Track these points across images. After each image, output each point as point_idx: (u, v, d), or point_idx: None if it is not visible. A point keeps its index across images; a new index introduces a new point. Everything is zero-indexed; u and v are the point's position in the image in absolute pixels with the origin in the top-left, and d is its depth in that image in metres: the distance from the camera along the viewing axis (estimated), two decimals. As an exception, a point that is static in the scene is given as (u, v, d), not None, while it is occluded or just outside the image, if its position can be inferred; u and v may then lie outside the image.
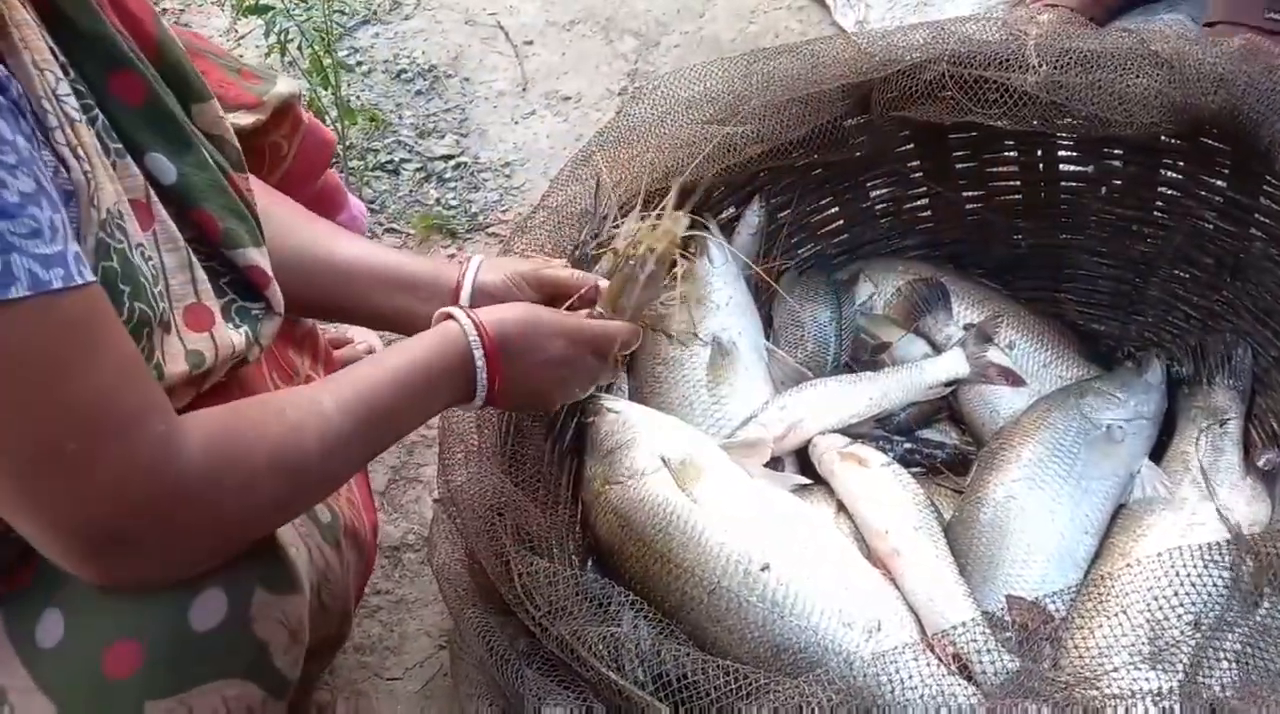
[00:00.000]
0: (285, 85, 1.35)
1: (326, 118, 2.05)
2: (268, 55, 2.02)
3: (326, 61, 1.95)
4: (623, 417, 1.35)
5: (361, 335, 1.84)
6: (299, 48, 1.97)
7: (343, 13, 2.21)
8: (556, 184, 1.47)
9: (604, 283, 1.24)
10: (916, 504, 1.32)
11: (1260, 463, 1.32)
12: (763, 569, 1.19)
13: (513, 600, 1.08)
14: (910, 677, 1.02)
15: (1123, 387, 1.41)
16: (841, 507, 1.34)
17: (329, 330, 1.83)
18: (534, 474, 1.25)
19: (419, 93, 2.28)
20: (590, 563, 1.31)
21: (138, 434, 0.81)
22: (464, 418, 1.24)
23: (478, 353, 1.05)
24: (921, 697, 0.99)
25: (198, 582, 0.93)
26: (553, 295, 1.22)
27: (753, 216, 1.61)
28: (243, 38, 2.31)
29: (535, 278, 1.23)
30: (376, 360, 1.07)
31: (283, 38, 1.90)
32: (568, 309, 1.20)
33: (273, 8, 1.88)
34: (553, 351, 1.12)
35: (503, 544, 1.11)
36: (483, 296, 1.21)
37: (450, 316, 1.07)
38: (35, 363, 0.75)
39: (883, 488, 1.34)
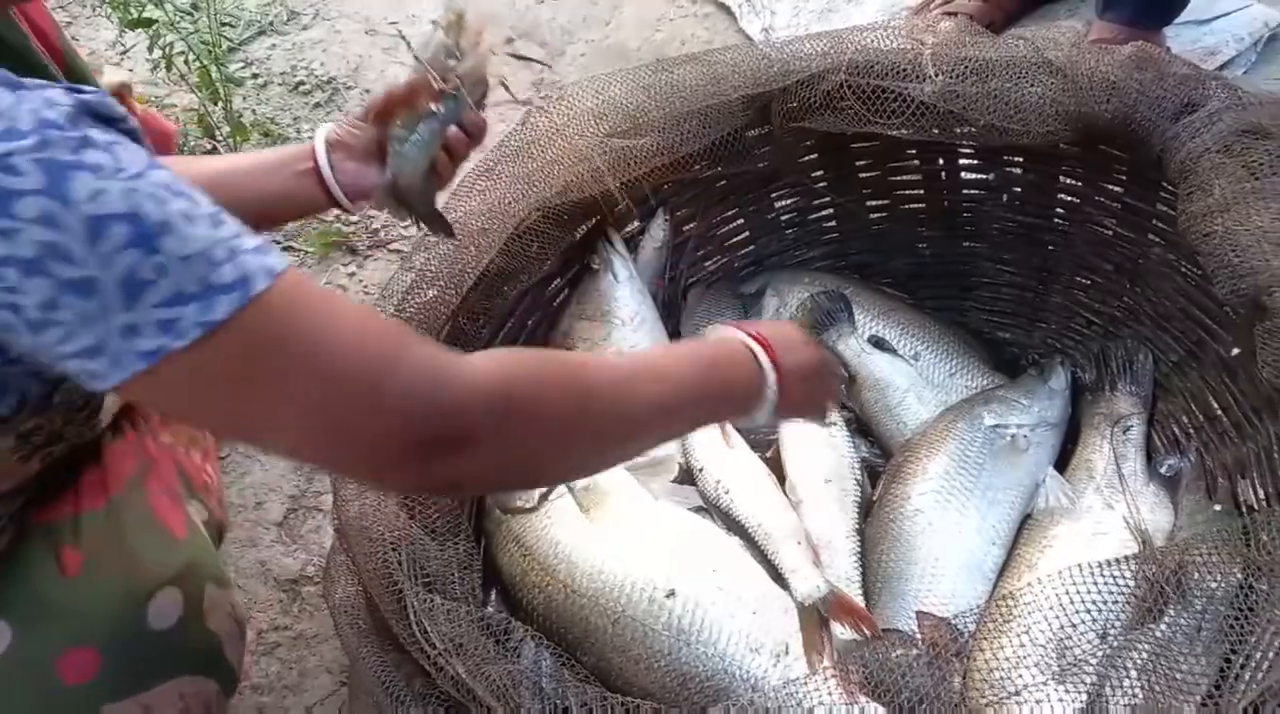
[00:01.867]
0: (112, 75, 1.32)
1: (218, 133, 1.98)
2: (154, 70, 1.94)
3: (215, 75, 1.88)
4: (523, 441, 1.32)
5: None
6: (186, 62, 1.89)
7: (231, 25, 2.14)
8: (457, 198, 1.43)
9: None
10: (836, 467, 1.35)
11: (1163, 469, 1.33)
12: (668, 596, 1.16)
13: (407, 639, 1.04)
14: (815, 706, 0.99)
15: (1027, 394, 1.41)
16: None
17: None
18: (433, 504, 1.21)
19: (318, 105, 2.21)
20: (494, 594, 1.27)
21: (416, 347, 0.79)
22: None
23: (748, 340, 1.01)
24: (826, 727, 0.97)
25: (151, 583, 0.98)
26: (385, 112, 1.17)
27: (657, 230, 1.59)
28: (127, 51, 2.22)
29: (367, 111, 1.18)
30: None
31: (168, 51, 1.83)
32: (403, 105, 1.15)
33: (156, 21, 1.81)
34: (808, 352, 1.08)
35: (397, 580, 1.06)
36: (336, 151, 1.18)
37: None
38: (291, 328, 0.74)
39: (809, 442, 1.36)
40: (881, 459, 1.45)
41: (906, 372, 1.49)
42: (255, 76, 2.24)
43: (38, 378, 0.81)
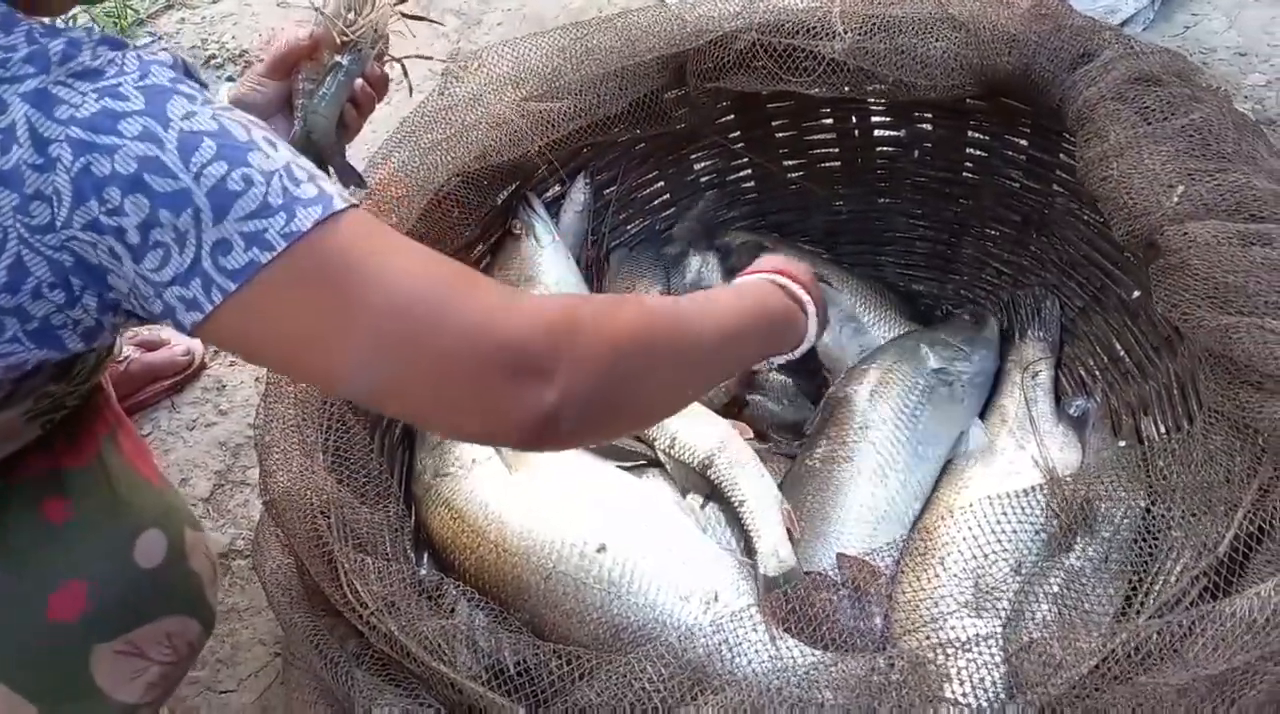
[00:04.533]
0: None
1: (128, 108, 1.94)
2: (58, 44, 1.89)
3: (122, 48, 1.84)
4: (450, 404, 1.32)
5: (179, 337, 1.76)
6: (91, 35, 1.85)
7: (137, -3, 2.09)
8: (374, 165, 1.42)
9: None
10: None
11: (1070, 410, 1.38)
12: (599, 550, 1.18)
13: (340, 600, 1.04)
14: (743, 643, 1.02)
15: (967, 342, 1.45)
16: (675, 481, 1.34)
17: (143, 332, 1.74)
18: (361, 470, 1.21)
19: (230, 79, 2.17)
20: (426, 558, 1.28)
21: (484, 279, 0.82)
22: (285, 416, 1.19)
23: (774, 276, 1.10)
24: (751, 663, 1.00)
25: (137, 523, 1.02)
26: (288, 65, 1.18)
27: (578, 194, 1.60)
28: (29, 26, 2.16)
29: (269, 66, 1.19)
30: None
31: (70, 24, 1.78)
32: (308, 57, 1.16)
33: (58, -8, 1.76)
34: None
35: (328, 544, 1.07)
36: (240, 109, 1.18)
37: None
38: (369, 250, 0.77)
39: None
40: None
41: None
42: (164, 52, 2.20)
43: (88, 337, 0.82)
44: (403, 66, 1.26)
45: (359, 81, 1.19)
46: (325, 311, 0.75)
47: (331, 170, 1.24)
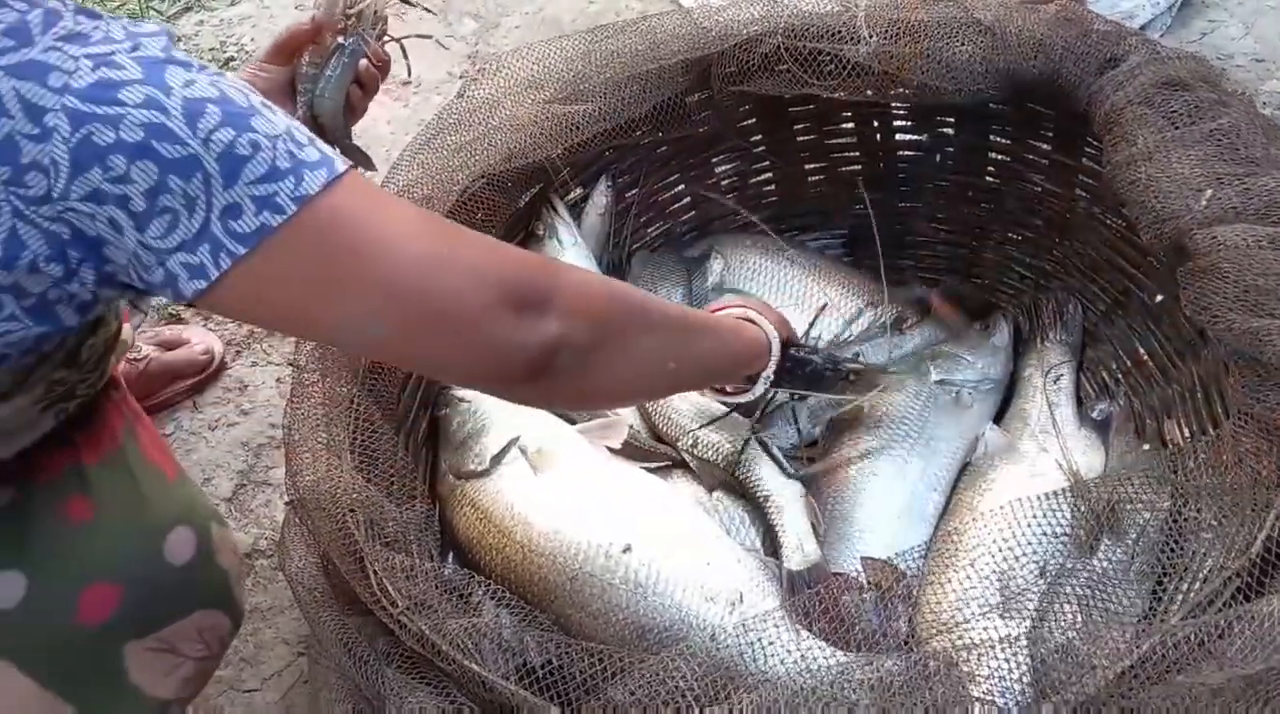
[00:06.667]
0: None
1: (150, 110, 1.95)
2: (81, 45, 1.90)
3: (145, 50, 1.84)
4: (474, 406, 1.33)
5: (199, 336, 1.76)
6: (114, 36, 1.86)
7: (157, -1, 2.10)
8: (397, 169, 1.43)
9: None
10: None
11: (1094, 413, 1.38)
12: (624, 551, 1.18)
13: (370, 599, 1.05)
14: (770, 644, 1.03)
15: (971, 350, 1.45)
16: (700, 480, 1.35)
17: (163, 332, 1.75)
18: (387, 470, 1.21)
19: (245, 78, 2.18)
20: (450, 557, 1.28)
21: (469, 231, 0.88)
22: (312, 415, 1.20)
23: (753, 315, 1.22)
24: (782, 663, 1.00)
25: (165, 521, 1.03)
26: (291, 51, 1.19)
27: (600, 196, 1.60)
28: (52, 27, 2.17)
29: (271, 52, 1.20)
30: None
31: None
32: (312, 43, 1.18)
33: (82, -6, 1.77)
34: None
35: (357, 543, 1.07)
36: None
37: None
38: (371, 208, 0.81)
39: None
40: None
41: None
42: (151, 24, 2.20)
43: (82, 311, 0.82)
44: (402, 47, 1.27)
45: (363, 62, 1.21)
46: (337, 267, 0.78)
47: (339, 152, 1.25)
